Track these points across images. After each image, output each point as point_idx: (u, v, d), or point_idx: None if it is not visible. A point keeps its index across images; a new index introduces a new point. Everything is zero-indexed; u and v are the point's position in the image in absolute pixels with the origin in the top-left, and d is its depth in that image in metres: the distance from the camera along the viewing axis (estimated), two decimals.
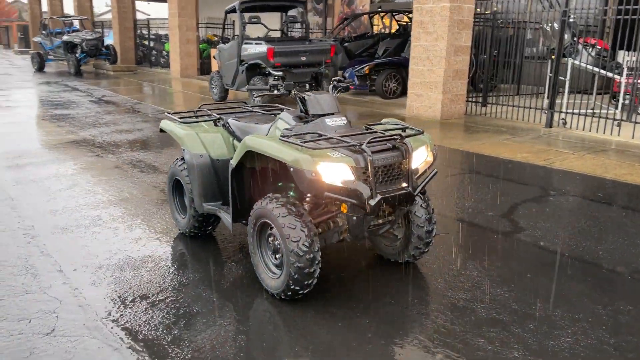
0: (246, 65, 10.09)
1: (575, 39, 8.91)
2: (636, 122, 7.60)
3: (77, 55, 18.43)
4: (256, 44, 9.98)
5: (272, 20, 12.59)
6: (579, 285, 3.31)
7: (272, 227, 3.01)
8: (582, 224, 4.40)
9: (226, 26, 11.64)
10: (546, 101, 8.84)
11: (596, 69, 8.88)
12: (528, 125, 8.75)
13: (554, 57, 8.41)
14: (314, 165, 2.74)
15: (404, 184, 3.00)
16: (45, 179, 5.59)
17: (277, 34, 12.60)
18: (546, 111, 8.58)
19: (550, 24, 8.73)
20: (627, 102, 8.55)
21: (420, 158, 3.16)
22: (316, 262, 2.91)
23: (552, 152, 6.80)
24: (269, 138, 2.99)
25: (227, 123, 3.84)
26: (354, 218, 3.01)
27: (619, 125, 7.73)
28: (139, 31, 22.24)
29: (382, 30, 15.98)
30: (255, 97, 8.34)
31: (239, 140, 3.64)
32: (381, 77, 11.91)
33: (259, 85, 9.88)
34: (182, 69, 17.32)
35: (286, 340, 2.72)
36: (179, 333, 2.75)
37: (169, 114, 4.17)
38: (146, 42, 22.06)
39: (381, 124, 3.44)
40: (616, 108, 8.61)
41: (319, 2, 20.19)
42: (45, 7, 29.33)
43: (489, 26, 10.10)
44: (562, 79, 8.75)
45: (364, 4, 18.18)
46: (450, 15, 8.84)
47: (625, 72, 8.53)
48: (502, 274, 3.45)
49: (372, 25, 15.25)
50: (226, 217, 3.52)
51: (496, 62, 10.26)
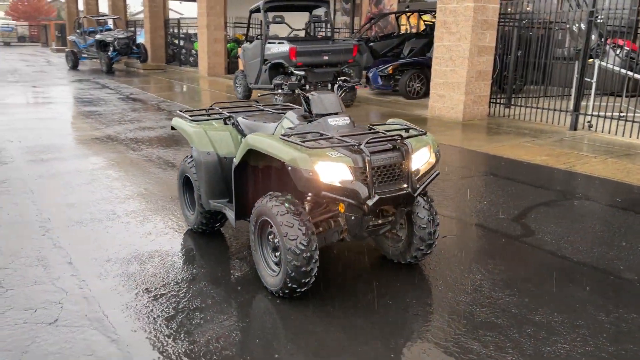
0: (269, 64, 10.16)
1: (603, 39, 8.69)
2: None
3: (109, 53, 18.88)
4: (279, 43, 10.04)
5: (300, 20, 12.62)
6: (584, 291, 3.24)
7: (272, 225, 3.04)
8: (595, 229, 4.30)
9: (251, 26, 11.75)
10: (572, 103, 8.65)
11: (623, 71, 8.64)
12: (552, 127, 8.58)
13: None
14: (312, 165, 2.76)
15: (404, 185, 2.99)
16: (67, 173, 5.75)
17: (303, 34, 12.64)
18: (572, 114, 8.40)
19: (577, 24, 8.54)
20: None
21: (422, 159, 3.14)
22: (313, 260, 2.92)
23: (574, 156, 6.66)
24: (269, 137, 3.02)
25: (237, 121, 3.90)
26: (353, 218, 3.02)
27: None
28: (170, 30, 22.62)
29: (408, 30, 15.88)
30: (278, 97, 8.39)
31: None
32: (405, 77, 11.83)
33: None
34: (210, 67, 17.54)
35: (280, 337, 2.75)
36: (176, 327, 2.80)
37: (180, 111, 4.24)
38: (176, 41, 22.42)
39: (386, 124, 3.44)
40: None
41: (347, 2, 20.17)
42: (81, 6, 30.12)
43: (515, 26, 9.93)
44: (589, 80, 8.54)
45: (391, 4, 18.09)
46: (474, 15, 8.73)
47: None
48: (505, 277, 3.40)
49: (398, 25, 15.17)
50: (230, 214, 3.57)
51: (523, 63, 10.07)
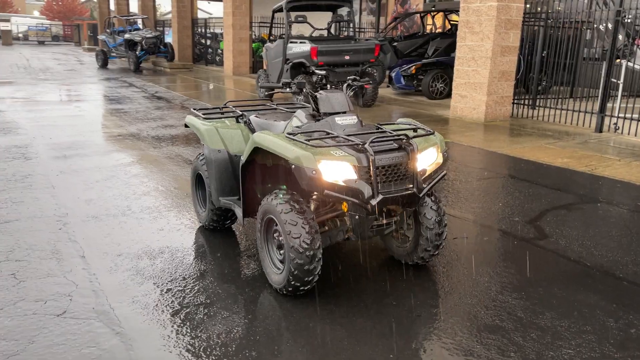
0: (290, 64, 10.20)
1: (631, 39, 8.46)
2: None
3: (137, 52, 19.22)
4: (300, 43, 10.07)
5: (324, 20, 12.63)
6: (594, 296, 3.17)
7: (277, 223, 3.05)
8: (612, 233, 4.20)
9: (274, 25, 11.81)
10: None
11: None
12: (577, 129, 8.41)
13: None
14: (315, 163, 2.77)
15: (409, 185, 2.97)
16: (87, 169, 5.87)
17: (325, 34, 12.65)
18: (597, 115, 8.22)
19: (604, 24, 8.34)
20: None
21: (429, 159, 3.12)
22: (316, 259, 2.93)
23: (597, 158, 6.51)
24: (275, 135, 3.04)
25: (249, 120, 3.93)
26: (357, 217, 3.01)
27: None
28: (197, 29, 22.90)
29: (433, 30, 15.73)
30: (298, 97, 8.41)
31: None
32: (428, 77, 11.74)
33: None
34: (235, 66, 17.70)
35: (280, 334, 2.76)
36: (179, 322, 2.84)
37: (194, 109, 4.29)
38: (203, 41, 22.68)
39: (395, 123, 3.42)
40: None
41: (373, 2, 20.09)
42: (113, 6, 30.75)
43: (540, 26, 9.76)
44: (616, 81, 8.34)
45: (417, 4, 17.95)
46: (497, 14, 8.60)
47: None
48: (514, 280, 3.35)
49: (423, 24, 15.04)
50: (239, 212, 3.60)
51: (550, 63, 9.87)
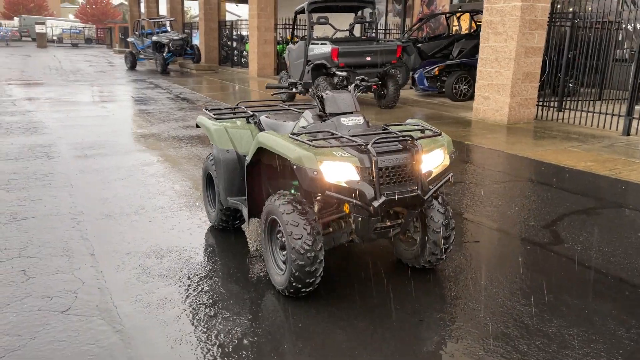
0: (312, 65, 10.19)
1: None
2: None
3: (164, 54, 19.50)
4: (322, 44, 10.06)
5: (346, 22, 12.59)
6: (607, 304, 3.06)
7: (280, 224, 3.03)
8: (632, 239, 4.05)
9: (297, 27, 11.83)
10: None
11: None
12: (603, 132, 8.18)
13: None
14: (316, 164, 2.74)
15: (414, 187, 2.92)
16: (106, 169, 5.96)
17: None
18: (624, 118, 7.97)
19: (632, 24, 8.10)
20: None
21: (435, 161, 3.06)
22: (318, 260, 2.89)
23: (621, 162, 6.31)
24: (279, 135, 3.02)
25: (259, 120, 3.93)
26: (360, 219, 2.97)
27: None
28: (225, 32, 23.11)
29: (459, 31, 15.54)
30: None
31: None
32: (451, 79, 11.59)
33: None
34: (259, 68, 17.79)
35: (279, 335, 2.74)
36: (179, 320, 2.84)
37: (206, 110, 4.31)
38: (229, 43, 22.88)
39: (402, 124, 3.37)
40: None
41: (399, 3, 19.97)
42: (143, 9, 31.28)
43: (567, 26, 9.54)
44: None
45: (443, 4, 17.76)
46: (521, 15, 8.44)
47: None
48: (523, 286, 3.26)
49: (448, 26, 14.88)
50: (246, 212, 3.59)
51: (577, 65, 9.63)
